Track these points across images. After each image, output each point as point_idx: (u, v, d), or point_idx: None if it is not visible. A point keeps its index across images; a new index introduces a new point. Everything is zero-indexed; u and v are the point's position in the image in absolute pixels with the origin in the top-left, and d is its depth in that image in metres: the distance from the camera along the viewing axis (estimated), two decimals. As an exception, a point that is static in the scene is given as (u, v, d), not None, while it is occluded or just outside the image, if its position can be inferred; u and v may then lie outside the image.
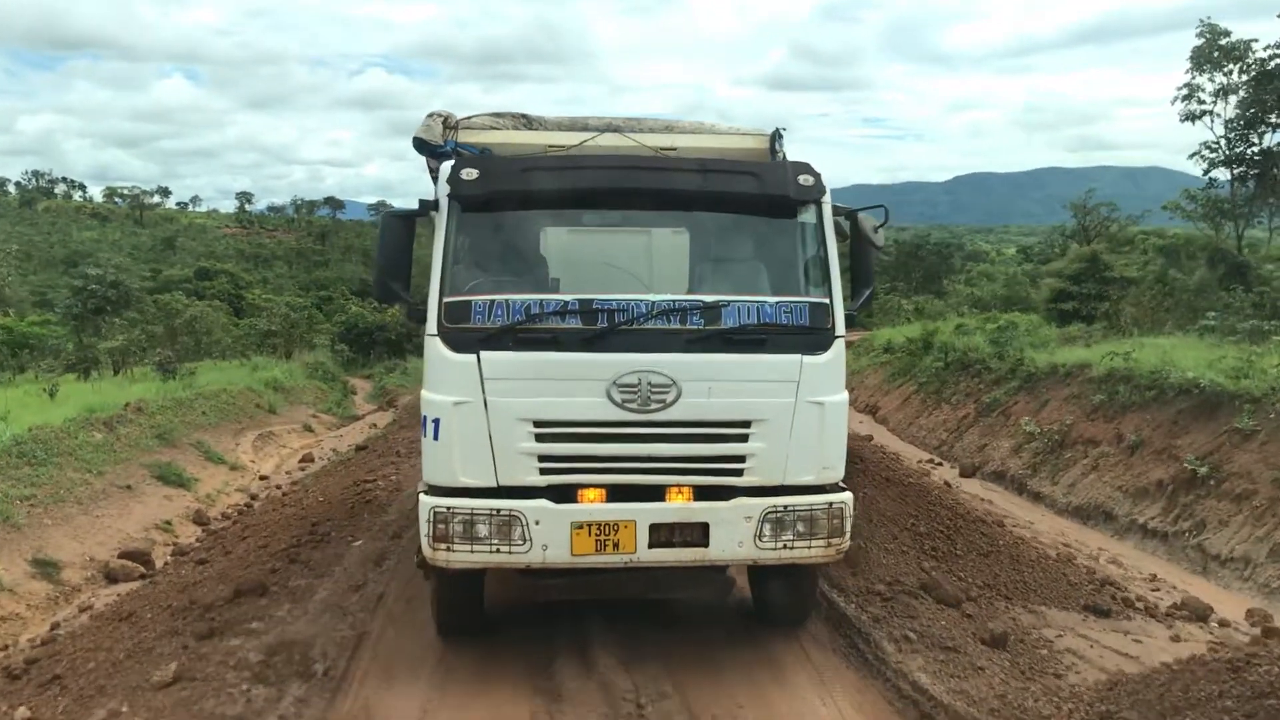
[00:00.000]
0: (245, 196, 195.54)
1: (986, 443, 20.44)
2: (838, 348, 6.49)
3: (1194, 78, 31.98)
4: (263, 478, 18.43)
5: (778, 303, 6.43)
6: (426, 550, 6.28)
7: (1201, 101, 31.93)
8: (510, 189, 6.45)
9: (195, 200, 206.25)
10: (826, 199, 6.67)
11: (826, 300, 6.51)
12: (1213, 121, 32.38)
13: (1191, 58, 31.67)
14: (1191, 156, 33.16)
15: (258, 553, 10.02)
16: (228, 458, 18.57)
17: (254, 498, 16.52)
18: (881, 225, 7.00)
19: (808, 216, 6.71)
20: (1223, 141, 29.78)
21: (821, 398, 6.38)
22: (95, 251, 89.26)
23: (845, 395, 6.63)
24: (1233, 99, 31.83)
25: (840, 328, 6.50)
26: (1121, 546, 13.98)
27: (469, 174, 6.37)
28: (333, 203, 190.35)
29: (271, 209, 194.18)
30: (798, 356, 6.34)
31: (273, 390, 25.69)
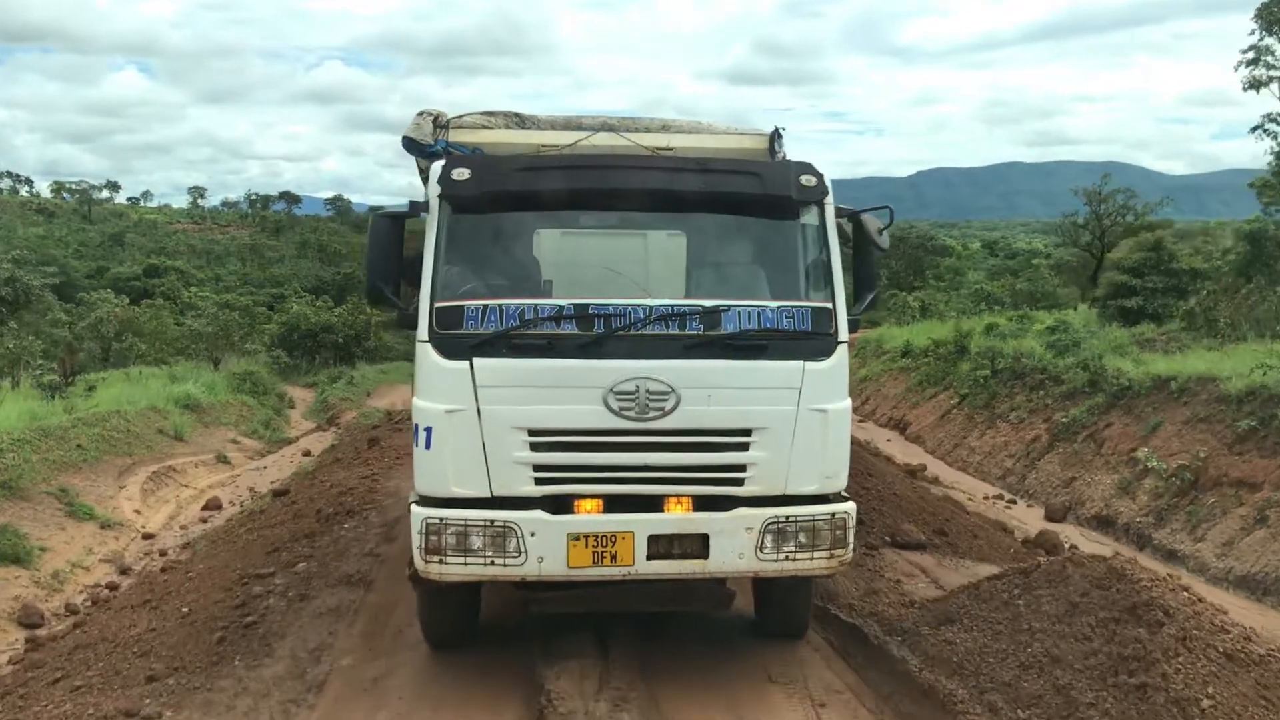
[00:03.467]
0: (198, 191, 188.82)
1: (1075, 476, 16.29)
2: (840, 354, 6.34)
3: (1262, 39, 27.95)
4: (147, 536, 13.96)
5: (779, 307, 6.29)
6: (419, 563, 6.09)
7: (1271, 66, 27.93)
8: (504, 190, 6.28)
9: (146, 195, 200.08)
10: (829, 200, 6.51)
11: (829, 305, 6.37)
12: (1281, 89, 28.45)
13: (1258, 16, 27.63)
14: (1254, 130, 29.19)
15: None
16: (102, 509, 14.04)
17: (125, 572, 12.12)
18: (886, 227, 6.78)
19: (809, 218, 6.56)
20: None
21: (824, 405, 6.23)
22: (40, 248, 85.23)
23: (848, 402, 6.47)
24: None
25: (843, 333, 6.36)
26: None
27: (460, 174, 6.21)
28: (288, 197, 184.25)
29: (225, 204, 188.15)
30: (800, 363, 6.20)
31: (183, 410, 21.06)
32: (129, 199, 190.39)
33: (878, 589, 7.59)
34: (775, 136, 7.30)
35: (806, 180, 6.42)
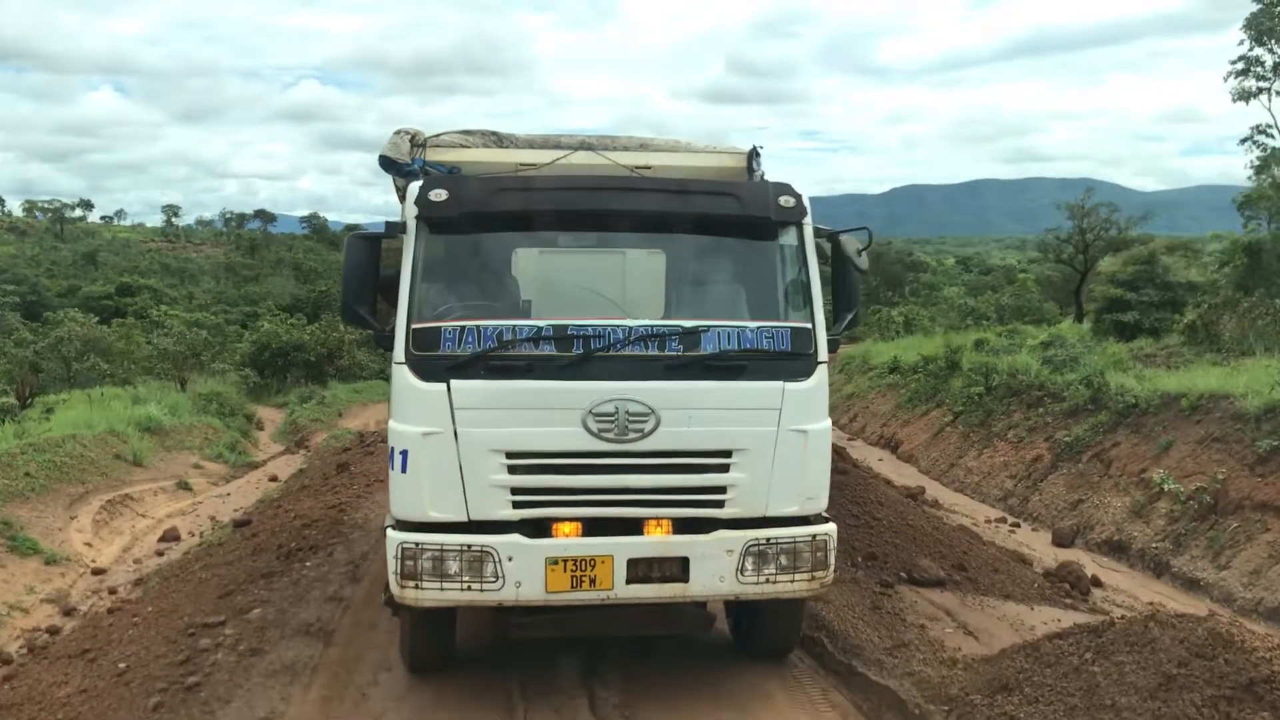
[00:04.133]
0: (172, 209, 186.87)
1: (1082, 498, 15.50)
2: (821, 374, 6.33)
3: (1252, 49, 27.45)
4: (97, 572, 12.94)
5: (759, 328, 6.29)
6: (395, 588, 5.99)
7: (1263, 77, 27.43)
8: (482, 210, 6.22)
9: (120, 214, 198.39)
10: (808, 220, 6.50)
11: (809, 325, 6.35)
12: (1271, 100, 27.95)
13: (1247, 25, 27.15)
14: (1244, 142, 28.71)
15: None
16: (48, 544, 13.02)
17: (69, 613, 11.10)
18: (865, 248, 6.81)
19: (788, 238, 6.54)
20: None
21: (804, 426, 6.21)
22: (11, 267, 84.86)
23: (828, 423, 6.43)
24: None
25: (823, 353, 6.33)
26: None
27: (438, 195, 6.14)
28: (264, 215, 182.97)
29: (200, 223, 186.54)
30: (780, 383, 6.17)
31: (144, 433, 20.03)
32: (102, 218, 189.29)
33: (907, 640, 6.76)
34: (753, 155, 7.33)
35: (785, 201, 6.42)
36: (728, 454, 6.09)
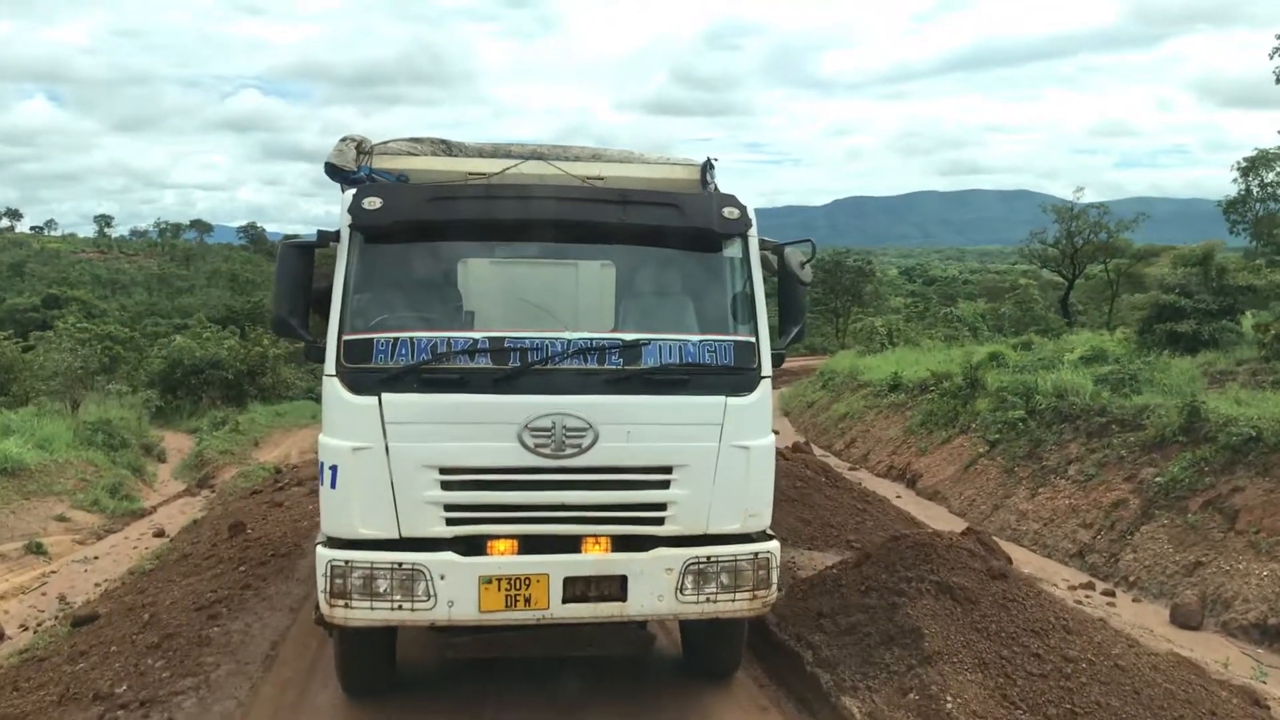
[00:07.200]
0: (105, 219, 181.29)
1: (1201, 560, 12.02)
2: (764, 388, 6.22)
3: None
4: None
5: (701, 341, 6.16)
6: (324, 607, 5.84)
7: (1313, 54, 24.40)
8: (416, 219, 6.10)
9: (51, 224, 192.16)
10: (753, 232, 6.41)
11: (752, 339, 6.24)
12: (1317, 87, 24.92)
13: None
14: (1283, 131, 25.65)
15: None
16: None
17: None
18: (809, 260, 6.73)
19: (733, 250, 6.44)
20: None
21: (747, 441, 6.09)
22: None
23: (772, 438, 6.34)
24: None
25: (767, 367, 6.24)
26: None
27: (371, 203, 6.03)
28: (200, 225, 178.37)
29: (134, 233, 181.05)
30: (722, 398, 6.04)
31: (-6, 476, 15.92)
32: (32, 228, 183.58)
33: None
34: (707, 167, 7.24)
35: (729, 213, 6.30)
36: (668, 470, 5.95)
